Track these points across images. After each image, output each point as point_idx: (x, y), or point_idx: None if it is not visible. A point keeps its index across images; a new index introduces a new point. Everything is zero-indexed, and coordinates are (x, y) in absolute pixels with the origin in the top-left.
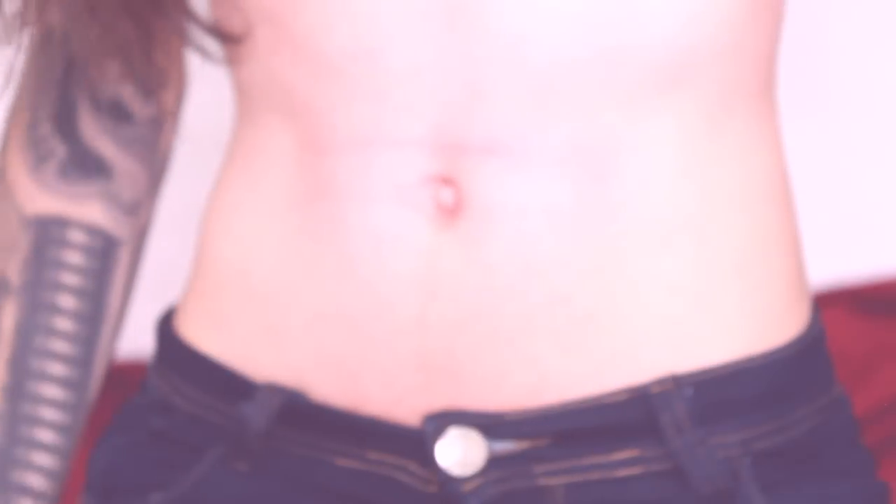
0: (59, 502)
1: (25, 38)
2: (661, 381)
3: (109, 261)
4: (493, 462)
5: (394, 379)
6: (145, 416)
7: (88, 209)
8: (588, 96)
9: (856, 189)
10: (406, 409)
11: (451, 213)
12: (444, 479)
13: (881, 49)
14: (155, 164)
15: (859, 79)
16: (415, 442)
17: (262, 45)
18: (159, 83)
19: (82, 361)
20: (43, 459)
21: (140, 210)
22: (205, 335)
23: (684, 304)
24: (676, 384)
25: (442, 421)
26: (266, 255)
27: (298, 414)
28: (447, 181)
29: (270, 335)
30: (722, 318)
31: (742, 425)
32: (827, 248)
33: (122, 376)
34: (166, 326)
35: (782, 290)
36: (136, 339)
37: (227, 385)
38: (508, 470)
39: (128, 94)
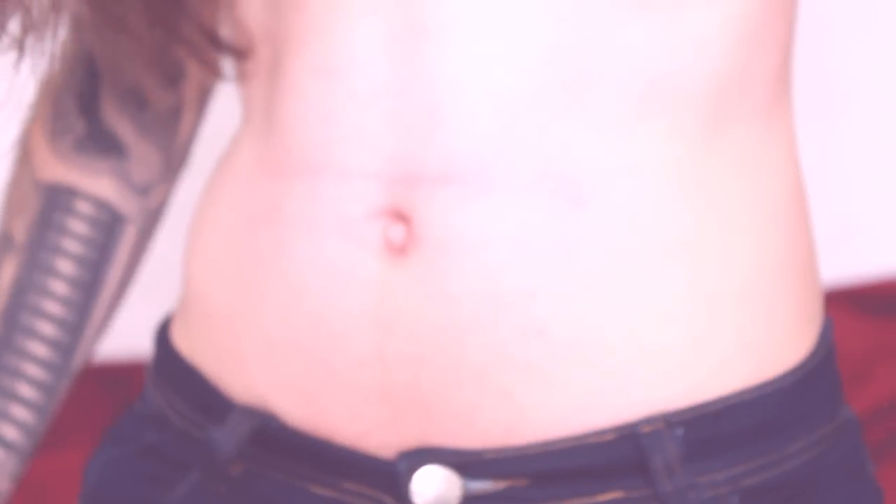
0: (29, 459)
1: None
2: (651, 420)
3: (114, 235)
4: (470, 501)
5: (359, 411)
6: (141, 429)
7: (99, 183)
8: (558, 123)
9: (856, 189)
10: (377, 442)
11: (401, 250)
12: None
13: (881, 50)
14: (172, 151)
15: (859, 79)
16: (389, 475)
17: (255, 64)
18: (180, 75)
19: (73, 326)
20: (20, 413)
21: (151, 192)
22: (190, 349)
23: (677, 335)
24: (667, 424)
25: (416, 459)
26: (222, 277)
27: (272, 438)
28: (398, 216)
29: (232, 359)
30: (718, 350)
31: (732, 461)
32: (827, 248)
33: (122, 376)
34: (162, 335)
35: (788, 315)
36: (135, 340)
37: (210, 403)
38: None
39: (149, 83)
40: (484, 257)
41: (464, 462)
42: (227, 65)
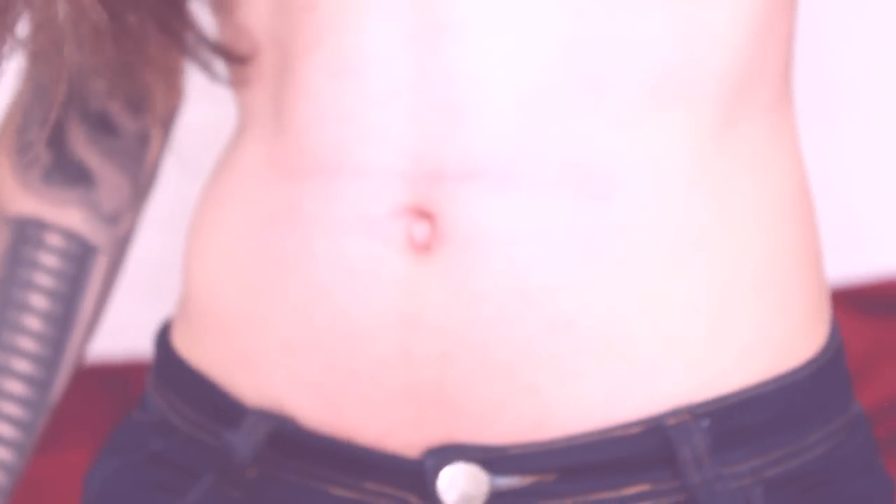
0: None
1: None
2: (677, 413)
3: (85, 267)
4: (497, 498)
5: (382, 411)
6: (145, 436)
7: (67, 214)
8: (579, 118)
9: (856, 189)
10: (400, 441)
11: (426, 247)
12: None
13: (881, 50)
14: (140, 178)
15: (859, 80)
16: (413, 474)
17: (260, 67)
18: (147, 100)
19: (48, 362)
20: None
21: (120, 220)
22: (196, 354)
23: (698, 327)
24: (693, 416)
25: (442, 456)
26: (233, 280)
27: (289, 441)
28: (421, 213)
29: (244, 362)
30: (737, 342)
31: (754, 453)
32: (827, 248)
33: (122, 376)
34: (163, 341)
35: (801, 308)
36: (135, 340)
37: (220, 407)
38: None
39: (115, 109)
40: (510, 253)
41: (490, 458)
42: (220, 68)
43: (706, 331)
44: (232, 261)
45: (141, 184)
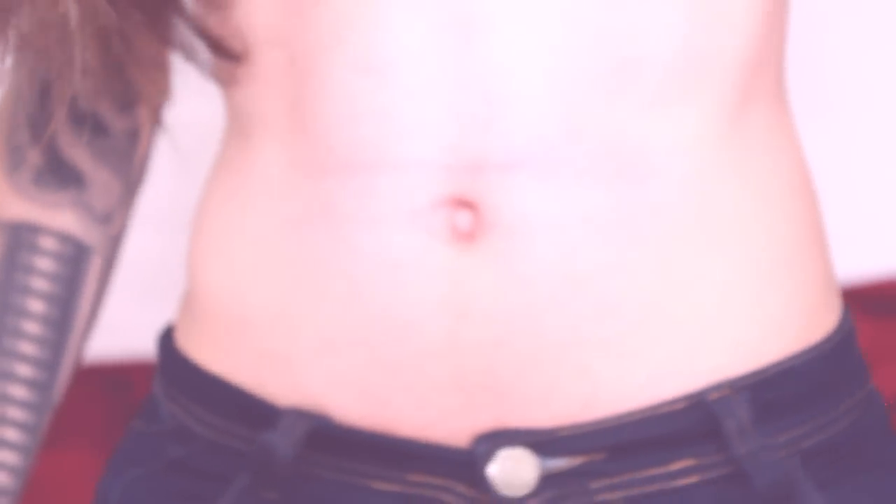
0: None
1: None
2: (718, 387)
3: (80, 268)
4: (548, 480)
5: (427, 401)
6: (161, 445)
7: (61, 217)
8: (613, 105)
9: (856, 189)
10: (446, 430)
11: (469, 236)
12: (499, 501)
13: (882, 50)
14: (130, 175)
15: (860, 79)
16: (461, 462)
17: (263, 66)
18: (136, 98)
19: (49, 364)
20: (5, 457)
21: (113, 219)
22: (212, 358)
23: (734, 305)
24: (733, 389)
25: (493, 442)
26: (260, 280)
27: (327, 438)
28: (463, 203)
29: (276, 361)
30: (770, 317)
31: (790, 425)
32: None
33: (122, 376)
34: (169, 346)
35: (820, 284)
36: (135, 340)
37: (249, 410)
38: (564, 488)
39: (104, 108)
40: (555, 239)
41: (540, 441)
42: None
43: (741, 307)
44: (258, 263)
45: (131, 181)
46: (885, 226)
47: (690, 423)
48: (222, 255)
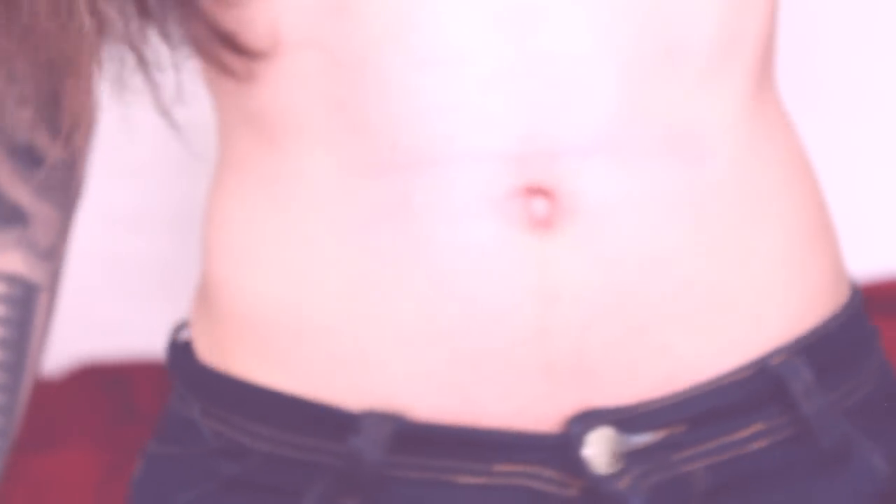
0: None
1: None
2: (777, 352)
3: (29, 308)
4: (634, 456)
5: (514, 390)
6: (209, 465)
7: (7, 258)
8: (667, 86)
9: (856, 189)
10: (532, 417)
11: (546, 222)
12: (595, 480)
13: (882, 50)
14: (68, 206)
15: (859, 79)
16: (551, 447)
17: (297, 68)
18: (73, 126)
19: (6, 409)
20: None
21: (56, 253)
22: (259, 371)
23: (784, 273)
24: (791, 352)
25: (586, 422)
26: (320, 286)
27: (409, 438)
28: (538, 191)
29: (346, 365)
30: (813, 283)
31: (836, 384)
32: None
33: (122, 376)
34: (197, 364)
35: (838, 252)
36: (135, 340)
37: (315, 418)
38: (650, 462)
39: (41, 139)
40: (636, 221)
41: (625, 418)
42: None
43: (788, 277)
44: (313, 270)
45: (70, 212)
46: (884, 226)
47: (758, 389)
48: (267, 265)
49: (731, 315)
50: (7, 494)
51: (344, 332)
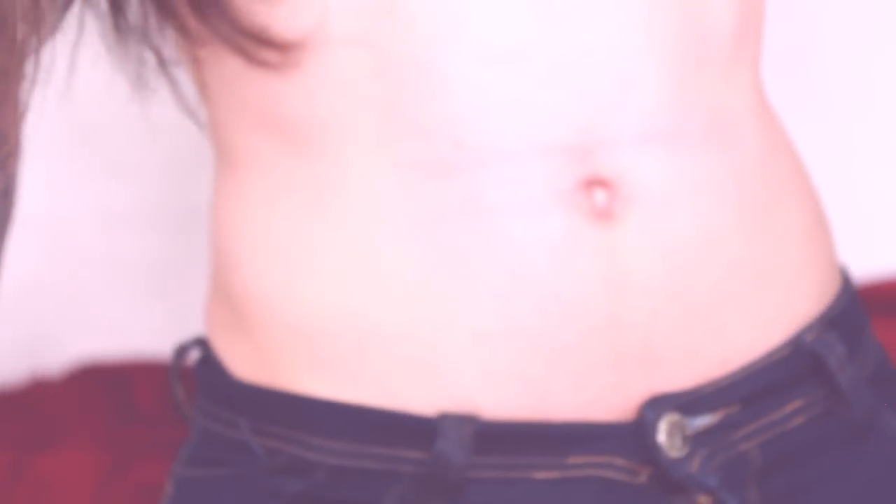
0: None
1: None
2: (809, 329)
3: None
4: (698, 438)
5: (586, 380)
6: (270, 484)
7: None
8: (702, 76)
9: (856, 189)
10: (602, 407)
11: (607, 212)
12: (667, 465)
13: (880, 50)
14: (3, 236)
15: (859, 79)
16: (624, 435)
17: (340, 68)
18: (7, 152)
19: None
20: None
21: None
22: (322, 384)
23: (810, 253)
24: (821, 328)
25: (657, 408)
26: (382, 290)
27: (486, 438)
28: (597, 182)
29: (415, 368)
30: (828, 261)
31: (857, 356)
32: None
33: (122, 376)
34: (234, 383)
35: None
36: (135, 340)
37: (385, 426)
38: (713, 443)
39: None
40: (692, 207)
41: (688, 402)
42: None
43: (813, 254)
44: (382, 274)
45: (3, 241)
46: (884, 226)
47: (797, 366)
48: (317, 278)
49: (772, 293)
50: (7, 494)
51: (413, 336)
